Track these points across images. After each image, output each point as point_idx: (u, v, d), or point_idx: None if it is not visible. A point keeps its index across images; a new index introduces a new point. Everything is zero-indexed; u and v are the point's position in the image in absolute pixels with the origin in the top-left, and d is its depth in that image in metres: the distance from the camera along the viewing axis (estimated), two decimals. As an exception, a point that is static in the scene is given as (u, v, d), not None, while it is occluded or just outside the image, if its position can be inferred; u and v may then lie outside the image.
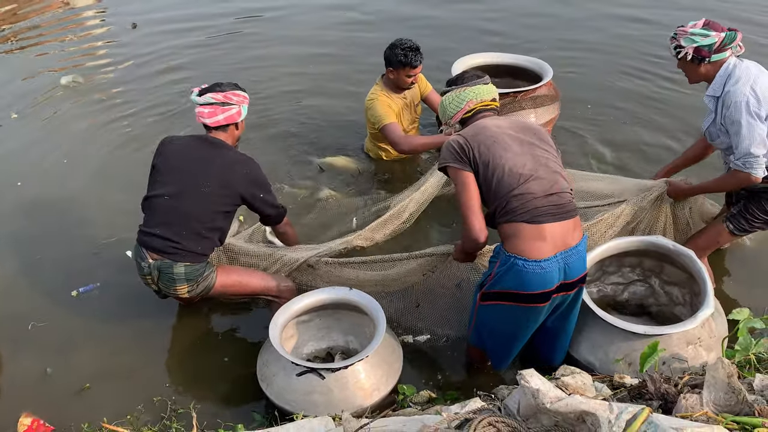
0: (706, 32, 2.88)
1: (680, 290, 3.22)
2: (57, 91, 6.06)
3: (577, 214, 2.62)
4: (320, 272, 3.25)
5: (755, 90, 2.83)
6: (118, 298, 3.63)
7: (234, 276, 3.14)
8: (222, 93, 3.01)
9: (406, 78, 4.09)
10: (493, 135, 2.62)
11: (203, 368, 3.26)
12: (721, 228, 3.19)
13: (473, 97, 2.76)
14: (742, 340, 2.53)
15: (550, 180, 2.57)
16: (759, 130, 2.82)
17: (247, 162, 3.05)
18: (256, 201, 3.06)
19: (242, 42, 6.94)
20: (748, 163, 2.87)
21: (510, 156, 2.57)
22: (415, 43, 4.03)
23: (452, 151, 2.62)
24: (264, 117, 5.42)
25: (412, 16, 7.40)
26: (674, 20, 4.97)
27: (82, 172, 4.83)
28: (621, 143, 4.93)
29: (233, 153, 3.05)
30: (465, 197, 2.58)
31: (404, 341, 3.24)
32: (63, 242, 4.09)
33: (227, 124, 3.04)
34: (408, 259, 3.15)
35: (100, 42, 7.34)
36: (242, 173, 2.99)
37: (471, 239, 2.60)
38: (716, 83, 2.94)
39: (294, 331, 3.10)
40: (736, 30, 2.92)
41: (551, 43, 6.56)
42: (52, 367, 3.24)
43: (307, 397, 2.68)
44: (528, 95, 4.64)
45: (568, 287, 2.59)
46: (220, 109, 2.99)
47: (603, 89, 5.71)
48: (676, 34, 2.98)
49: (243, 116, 3.09)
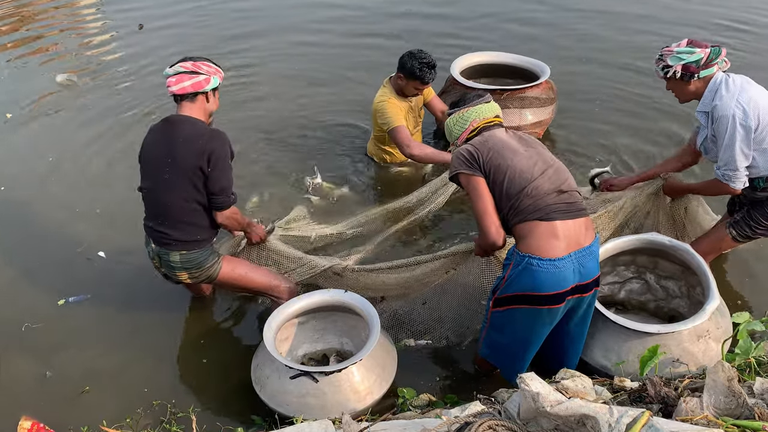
0: (692, 49, 2.90)
1: (676, 283, 3.26)
2: (55, 91, 6.04)
3: (587, 214, 2.65)
4: (345, 279, 3.28)
5: (741, 102, 2.86)
6: (114, 300, 3.63)
7: (239, 270, 3.15)
8: (192, 62, 2.95)
9: (413, 89, 4.14)
10: (501, 140, 2.71)
11: (203, 371, 3.26)
12: (724, 234, 3.21)
13: (476, 117, 2.83)
14: (742, 344, 2.54)
15: (561, 178, 2.63)
16: (741, 143, 2.86)
17: (211, 135, 2.91)
18: (206, 176, 2.89)
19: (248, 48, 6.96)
20: (727, 176, 2.96)
21: (519, 158, 2.64)
22: (433, 59, 4.06)
23: (462, 159, 2.68)
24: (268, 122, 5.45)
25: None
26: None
27: (74, 175, 4.81)
28: (622, 145, 4.96)
29: (197, 127, 2.93)
30: (479, 202, 2.64)
31: (406, 344, 3.25)
32: (52, 248, 4.07)
33: (195, 93, 2.93)
34: (432, 260, 3.17)
35: (105, 42, 7.31)
36: (199, 145, 2.86)
37: (488, 243, 2.66)
38: (706, 98, 2.97)
39: (289, 332, 3.10)
40: (720, 46, 2.94)
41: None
42: (51, 371, 3.23)
43: (300, 400, 2.68)
44: (515, 95, 4.65)
45: (582, 289, 2.58)
46: (187, 77, 2.91)
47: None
48: (662, 55, 2.98)
49: (212, 85, 2.96)
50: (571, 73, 5.92)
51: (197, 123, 2.94)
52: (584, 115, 5.40)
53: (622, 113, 5.41)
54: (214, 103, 3.04)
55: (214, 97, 3.03)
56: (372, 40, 6.83)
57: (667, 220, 3.49)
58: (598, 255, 2.62)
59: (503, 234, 2.64)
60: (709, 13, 7.26)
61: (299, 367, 2.68)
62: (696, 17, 7.19)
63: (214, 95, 3.03)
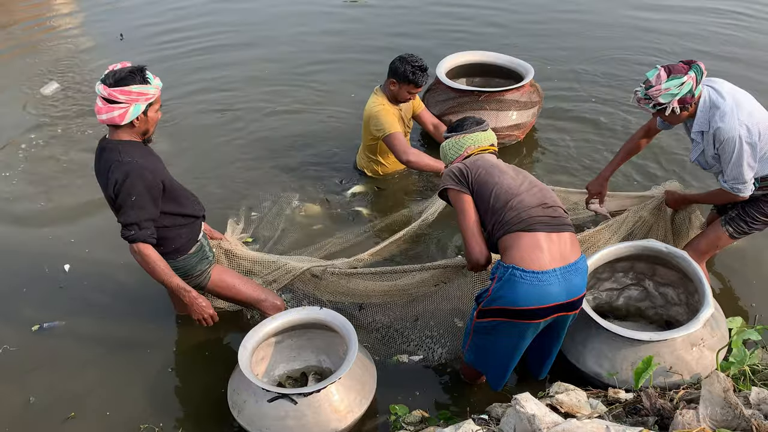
0: (679, 79, 2.81)
1: (674, 290, 3.25)
2: (38, 103, 5.96)
3: (572, 230, 2.65)
4: (325, 283, 3.24)
5: (742, 120, 2.85)
6: (93, 324, 3.55)
7: (228, 280, 3.12)
8: (109, 88, 2.62)
9: (407, 94, 4.11)
10: (491, 162, 2.81)
11: (189, 393, 3.20)
12: (721, 232, 3.22)
13: (471, 144, 2.91)
14: (736, 352, 2.52)
15: (546, 196, 2.69)
16: (749, 159, 2.89)
17: (120, 166, 2.69)
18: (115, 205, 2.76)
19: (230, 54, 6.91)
20: (736, 189, 3.00)
21: (506, 177, 2.72)
22: (425, 63, 4.04)
23: (452, 175, 2.76)
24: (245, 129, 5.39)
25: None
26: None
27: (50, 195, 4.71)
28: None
29: (112, 155, 2.72)
30: (464, 221, 2.70)
31: (399, 360, 3.21)
32: (24, 274, 3.96)
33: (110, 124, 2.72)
34: (422, 270, 3.14)
35: (86, 52, 7.22)
36: (107, 175, 2.72)
37: (472, 261, 2.70)
38: (701, 118, 2.94)
39: (266, 352, 3.04)
40: (693, 60, 2.89)
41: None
42: (34, 396, 3.16)
43: (280, 423, 2.62)
44: (493, 97, 4.63)
45: (568, 307, 2.56)
46: (105, 107, 2.65)
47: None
48: (649, 96, 2.87)
49: (132, 116, 2.68)
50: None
51: (115, 149, 2.74)
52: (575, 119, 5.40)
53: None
54: (145, 122, 2.76)
55: (145, 116, 2.76)
56: (355, 55, 6.82)
57: (669, 231, 3.50)
58: (585, 272, 2.60)
59: (486, 253, 2.68)
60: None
61: (277, 389, 2.63)
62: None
63: (146, 115, 2.76)
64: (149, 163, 2.78)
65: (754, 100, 2.98)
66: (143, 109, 2.71)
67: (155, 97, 2.74)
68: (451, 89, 4.72)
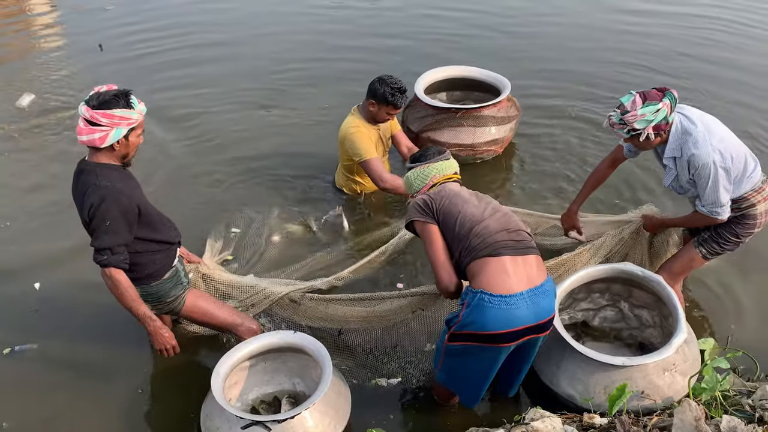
0: (654, 106, 2.84)
1: (649, 313, 3.29)
2: (14, 116, 5.87)
3: (537, 253, 2.69)
4: (303, 308, 3.22)
5: (715, 146, 2.89)
6: (64, 347, 3.50)
7: (203, 305, 3.09)
8: (91, 110, 2.60)
9: (386, 115, 4.11)
10: (454, 191, 2.86)
11: (161, 418, 3.16)
12: (694, 253, 3.25)
13: (436, 173, 2.95)
14: (708, 379, 2.55)
15: (510, 221, 2.74)
16: (724, 182, 2.93)
17: (96, 190, 2.66)
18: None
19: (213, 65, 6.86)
20: (715, 212, 3.02)
21: (469, 206, 2.77)
22: (403, 84, 4.05)
23: (417, 208, 2.80)
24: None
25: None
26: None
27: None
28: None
29: (89, 178, 2.70)
30: (432, 250, 2.73)
31: (377, 384, 3.21)
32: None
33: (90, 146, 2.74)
34: (399, 297, 3.14)
35: (63, 64, 7.08)
36: (83, 199, 2.70)
37: (442, 289, 2.75)
38: (672, 144, 2.98)
39: (239, 377, 3.01)
40: (666, 88, 2.92)
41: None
42: (7, 422, 3.10)
43: None
44: (470, 113, 4.65)
45: (538, 329, 2.58)
46: (86, 129, 2.63)
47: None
48: (624, 121, 2.88)
49: (113, 140, 2.65)
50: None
51: (92, 172, 2.71)
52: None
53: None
54: (125, 146, 2.73)
55: (126, 140, 2.72)
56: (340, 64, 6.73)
57: (646, 255, 3.52)
58: (552, 294, 2.63)
59: (456, 280, 2.70)
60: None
61: (250, 416, 2.60)
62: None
63: (127, 139, 2.72)
64: (126, 188, 2.75)
65: (723, 125, 3.04)
66: (125, 134, 2.69)
67: (138, 122, 2.72)
68: (430, 106, 4.73)
